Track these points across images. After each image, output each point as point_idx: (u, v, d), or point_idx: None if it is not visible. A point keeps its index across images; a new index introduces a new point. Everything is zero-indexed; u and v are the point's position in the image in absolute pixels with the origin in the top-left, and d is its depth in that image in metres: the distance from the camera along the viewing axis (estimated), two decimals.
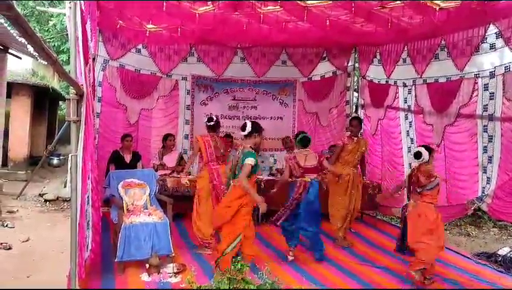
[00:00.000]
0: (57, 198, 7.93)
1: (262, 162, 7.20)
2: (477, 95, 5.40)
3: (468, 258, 5.48)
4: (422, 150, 4.49)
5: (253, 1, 4.87)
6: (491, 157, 5.30)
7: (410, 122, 6.63)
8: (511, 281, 4.69)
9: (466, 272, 4.86)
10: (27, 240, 5.58)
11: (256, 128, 4.35)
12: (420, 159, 4.47)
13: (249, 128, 4.29)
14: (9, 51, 7.94)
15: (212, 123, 5.32)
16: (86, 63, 3.62)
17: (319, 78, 8.04)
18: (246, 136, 4.33)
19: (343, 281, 4.49)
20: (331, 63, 7.92)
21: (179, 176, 6.43)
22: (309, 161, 5.08)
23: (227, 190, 4.44)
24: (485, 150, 5.37)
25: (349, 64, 7.99)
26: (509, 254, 5.35)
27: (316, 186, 5.04)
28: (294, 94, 8.12)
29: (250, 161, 4.15)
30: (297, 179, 5.04)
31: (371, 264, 4.98)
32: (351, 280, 4.51)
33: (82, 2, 3.44)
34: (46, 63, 10.56)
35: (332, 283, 4.41)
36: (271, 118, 8.03)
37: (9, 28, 6.42)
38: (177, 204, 5.49)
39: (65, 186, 8.35)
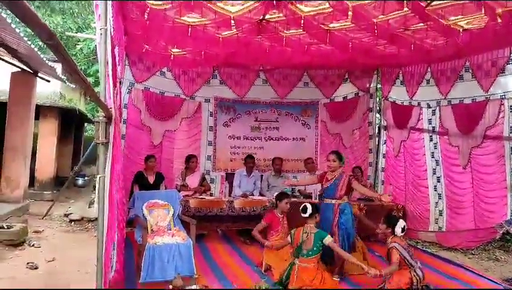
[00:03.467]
0: (82, 218, 8.03)
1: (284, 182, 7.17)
2: (503, 117, 5.33)
3: (497, 283, 5.28)
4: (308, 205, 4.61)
5: (276, 23, 4.94)
6: None
7: (435, 144, 6.55)
8: None
9: None
10: (53, 260, 5.64)
11: (317, 209, 4.71)
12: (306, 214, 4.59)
13: (310, 210, 4.60)
14: (39, 74, 8.23)
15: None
16: (114, 86, 3.73)
17: (342, 100, 8.06)
18: (307, 217, 4.63)
19: None
20: (353, 84, 7.95)
21: (201, 196, 6.49)
22: None
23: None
24: None
25: (372, 85, 8.00)
26: None
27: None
28: (317, 115, 8.15)
29: (330, 238, 4.51)
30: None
31: None
32: None
33: (112, 27, 3.57)
34: (73, 86, 10.94)
35: None
36: (293, 138, 8.06)
37: (39, 53, 6.68)
38: (200, 225, 5.52)
39: (90, 207, 8.48)
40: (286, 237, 5.07)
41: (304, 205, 4.68)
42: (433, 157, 6.59)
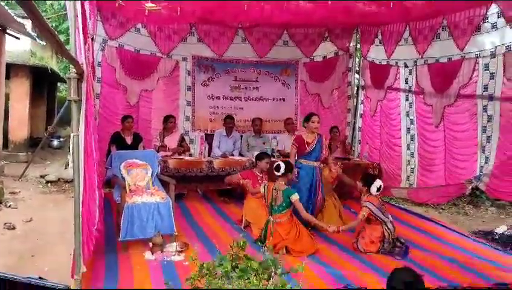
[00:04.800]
0: (59, 179, 7.98)
1: (264, 143, 7.22)
2: (477, 75, 5.40)
3: (466, 236, 5.55)
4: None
5: None
6: (489, 137, 5.34)
7: (410, 103, 6.64)
8: (508, 259, 4.76)
9: (463, 250, 4.94)
10: (30, 221, 5.64)
11: (289, 168, 4.80)
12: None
13: (282, 169, 4.72)
14: (7, 31, 7.88)
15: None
16: (85, 42, 3.60)
17: (321, 59, 8.00)
18: (280, 175, 4.74)
19: (341, 258, 4.58)
20: (333, 43, 7.88)
21: (180, 157, 6.48)
22: None
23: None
24: (484, 130, 5.40)
25: (351, 44, 7.96)
26: (506, 232, 5.43)
27: None
28: (297, 75, 8.09)
29: (296, 196, 4.62)
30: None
31: None
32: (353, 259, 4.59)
33: None
34: (44, 44, 10.53)
35: (331, 259, 4.48)
36: (273, 99, 8.01)
37: (7, 8, 6.37)
38: (179, 185, 5.55)
39: (66, 168, 8.39)
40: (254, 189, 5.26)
41: (277, 163, 4.82)
42: (408, 116, 6.70)
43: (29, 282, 1.27)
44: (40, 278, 1.29)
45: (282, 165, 4.76)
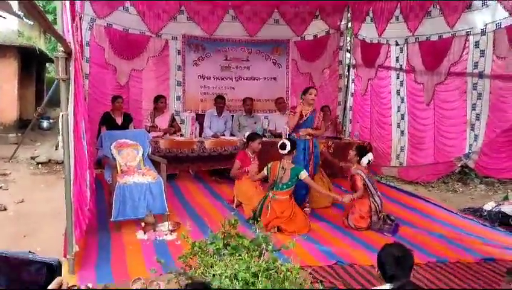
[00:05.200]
0: (49, 161, 7.93)
1: (255, 123, 7.21)
2: (467, 53, 5.41)
3: (455, 213, 5.65)
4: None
5: None
6: (479, 114, 5.39)
7: (401, 81, 6.65)
8: (496, 235, 4.86)
9: (452, 226, 5.04)
10: (22, 201, 5.62)
11: (294, 145, 4.85)
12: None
13: (288, 147, 4.76)
14: None
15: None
16: (73, 20, 3.55)
17: (312, 38, 7.94)
18: (286, 154, 4.79)
19: (328, 232, 4.65)
20: (324, 21, 7.80)
21: (171, 137, 6.46)
22: None
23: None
24: (473, 107, 5.45)
25: (342, 23, 7.89)
26: (494, 209, 5.51)
27: None
28: (288, 54, 8.04)
29: (305, 173, 4.76)
30: None
31: None
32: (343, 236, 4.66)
33: None
34: (32, 23, 10.32)
35: (322, 237, 4.55)
36: (264, 78, 7.97)
37: None
38: (171, 165, 5.54)
39: (56, 149, 8.33)
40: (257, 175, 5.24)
41: (282, 142, 4.87)
42: (398, 95, 6.72)
43: (19, 258, 1.27)
44: (30, 252, 1.30)
45: (288, 143, 4.80)
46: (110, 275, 3.52)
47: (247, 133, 6.08)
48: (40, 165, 7.80)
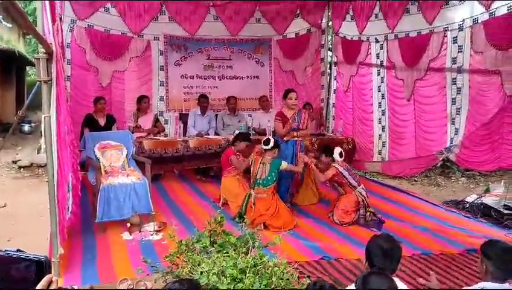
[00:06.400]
0: (32, 164, 7.82)
1: (239, 121, 7.22)
2: (446, 49, 5.52)
3: (438, 206, 5.74)
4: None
5: None
6: (459, 109, 5.50)
7: (382, 78, 6.75)
8: (479, 226, 4.96)
9: (436, 219, 5.12)
10: (4, 206, 5.54)
11: (277, 144, 4.92)
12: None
13: (272, 143, 4.85)
14: None
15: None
16: (53, 21, 3.51)
17: (294, 36, 7.99)
18: (268, 149, 4.85)
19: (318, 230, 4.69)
20: (305, 20, 7.86)
21: (155, 137, 6.43)
22: None
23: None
24: (453, 102, 5.56)
25: (323, 21, 7.96)
26: (476, 201, 5.62)
27: None
28: (270, 53, 8.07)
29: (284, 163, 4.82)
30: None
31: None
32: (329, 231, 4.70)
33: None
34: (10, 26, 10.13)
35: (309, 233, 4.59)
36: (247, 77, 7.99)
37: None
38: (155, 165, 5.52)
39: (38, 153, 8.22)
40: (241, 173, 5.26)
41: (266, 137, 4.96)
42: (379, 91, 6.82)
43: (8, 255, 1.28)
44: (18, 250, 1.30)
45: (272, 140, 4.90)
46: (96, 276, 3.50)
47: (237, 131, 6.12)
48: (22, 169, 7.69)
